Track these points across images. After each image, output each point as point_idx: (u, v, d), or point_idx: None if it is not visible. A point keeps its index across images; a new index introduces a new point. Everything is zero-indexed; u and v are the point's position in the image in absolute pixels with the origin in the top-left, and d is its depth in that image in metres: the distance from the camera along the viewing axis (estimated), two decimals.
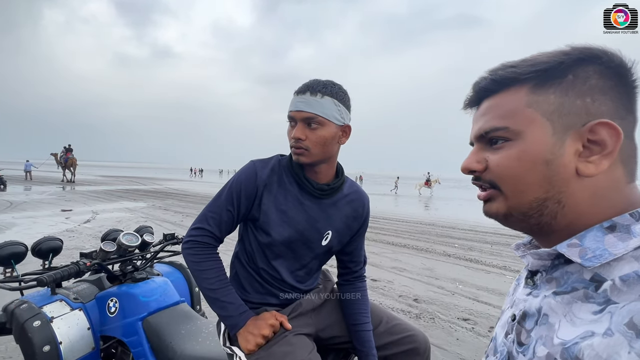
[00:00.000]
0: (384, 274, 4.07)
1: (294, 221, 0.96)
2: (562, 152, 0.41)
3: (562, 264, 0.43)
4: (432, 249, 5.60)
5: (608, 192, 0.40)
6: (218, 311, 0.93)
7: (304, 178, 0.96)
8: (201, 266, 0.93)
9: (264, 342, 0.89)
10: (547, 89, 0.41)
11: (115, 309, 1.25)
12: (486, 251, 5.60)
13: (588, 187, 0.40)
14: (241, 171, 0.98)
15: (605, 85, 0.40)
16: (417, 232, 7.26)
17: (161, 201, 11.58)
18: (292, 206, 0.96)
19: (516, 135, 0.43)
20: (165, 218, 7.81)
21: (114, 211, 8.62)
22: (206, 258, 0.94)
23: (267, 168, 0.97)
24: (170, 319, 1.23)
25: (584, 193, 0.41)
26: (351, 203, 1.04)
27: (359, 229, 1.08)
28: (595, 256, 0.39)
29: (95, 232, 5.88)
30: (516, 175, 0.43)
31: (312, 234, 0.99)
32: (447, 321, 2.87)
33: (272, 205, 0.95)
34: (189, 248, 0.95)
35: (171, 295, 1.34)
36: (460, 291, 3.63)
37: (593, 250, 0.39)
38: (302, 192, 0.97)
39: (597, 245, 0.39)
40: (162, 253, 1.55)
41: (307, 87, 0.90)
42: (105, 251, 1.29)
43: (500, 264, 4.77)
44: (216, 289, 0.92)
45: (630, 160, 0.41)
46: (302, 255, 1.00)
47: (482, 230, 7.77)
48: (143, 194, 14.02)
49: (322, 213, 1.00)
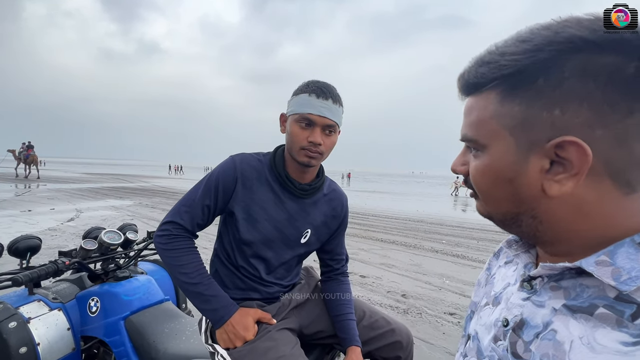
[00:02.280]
0: (372, 270, 4.10)
1: (273, 219, 0.96)
2: (525, 170, 0.36)
3: (574, 274, 0.38)
4: (421, 245, 5.67)
5: (598, 207, 0.35)
6: (201, 305, 0.91)
7: (286, 178, 0.95)
8: (179, 260, 0.91)
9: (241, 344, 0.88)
10: (514, 97, 0.36)
11: (96, 309, 1.22)
12: (473, 247, 5.70)
13: (567, 204, 0.36)
14: (220, 165, 0.97)
15: (584, 86, 0.32)
16: (406, 229, 7.33)
17: (148, 199, 11.37)
18: (272, 204, 0.96)
19: (483, 147, 0.39)
20: (152, 216, 7.67)
21: (98, 209, 8.42)
22: (183, 252, 0.92)
23: (247, 163, 0.96)
24: (154, 317, 1.21)
25: (563, 209, 0.36)
26: (330, 202, 1.05)
27: (338, 227, 1.09)
28: (630, 278, 0.33)
29: (79, 230, 5.74)
30: (485, 189, 0.41)
31: (292, 232, 0.99)
32: (434, 316, 2.92)
33: (251, 202, 0.94)
34: (163, 243, 0.92)
35: (155, 294, 1.32)
36: (447, 286, 3.69)
37: (628, 271, 0.33)
38: (283, 191, 0.97)
39: (632, 265, 0.33)
40: (146, 251, 1.52)
41: (330, 94, 0.90)
42: (86, 249, 1.26)
43: (486, 259, 4.86)
44: (197, 282, 0.90)
45: (627, 170, 0.34)
46: (281, 253, 1.00)
47: (469, 227, 7.91)
48: (129, 192, 13.73)
49: (302, 212, 1.00)
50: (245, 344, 0.88)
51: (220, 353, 0.89)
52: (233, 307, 0.92)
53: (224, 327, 0.90)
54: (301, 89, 0.92)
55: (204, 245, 5.03)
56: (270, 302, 1.01)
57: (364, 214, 9.43)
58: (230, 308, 0.91)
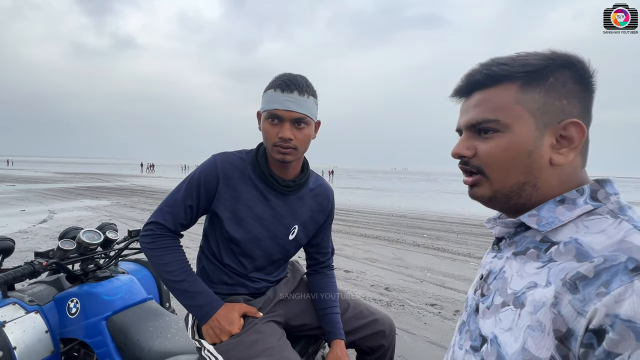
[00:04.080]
0: (356, 265, 4.16)
1: (260, 218, 0.96)
2: (541, 145, 0.48)
3: (522, 231, 0.53)
4: (403, 240, 5.80)
5: (569, 177, 0.50)
6: (186, 302, 0.91)
7: (269, 176, 0.95)
8: (163, 259, 0.91)
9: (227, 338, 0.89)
10: (534, 88, 0.48)
11: (76, 310, 1.20)
12: (452, 240, 5.89)
13: (556, 174, 0.49)
14: (202, 165, 0.96)
15: (577, 90, 0.48)
16: (389, 224, 7.47)
17: (126, 198, 11.01)
18: (257, 202, 0.96)
19: (505, 127, 0.49)
20: (131, 216, 7.45)
21: (73, 210, 8.09)
22: (167, 251, 0.92)
23: (228, 162, 0.95)
24: (137, 316, 1.20)
25: (553, 178, 0.49)
26: (316, 197, 1.05)
27: (325, 221, 1.10)
28: (547, 222, 0.48)
29: (53, 232, 5.50)
30: (503, 163, 0.50)
31: (279, 229, 0.99)
32: (416, 307, 3.00)
33: (236, 201, 0.94)
34: (147, 243, 0.92)
35: (137, 293, 1.30)
36: (428, 279, 3.80)
37: (546, 218, 0.49)
38: (267, 188, 0.97)
39: (550, 214, 0.49)
40: (127, 251, 1.49)
41: (295, 86, 0.87)
42: (64, 250, 1.22)
43: (465, 251, 5.04)
44: (182, 280, 0.90)
45: (585, 151, 0.50)
46: (270, 251, 1.00)
47: (449, 221, 8.15)
48: (106, 192, 13.25)
49: (288, 208, 1.00)
50: (231, 337, 0.89)
51: (207, 348, 0.89)
52: (218, 303, 0.93)
53: (210, 322, 0.90)
54: (269, 85, 0.91)
55: (186, 244, 4.94)
56: (257, 296, 1.02)
57: (348, 210, 9.52)
58: (215, 304, 0.92)
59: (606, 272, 0.39)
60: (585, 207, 0.47)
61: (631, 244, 0.40)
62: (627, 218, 0.44)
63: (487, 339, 0.49)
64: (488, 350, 0.48)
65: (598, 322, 0.37)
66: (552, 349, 0.41)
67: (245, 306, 0.96)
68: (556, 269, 0.44)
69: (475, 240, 5.97)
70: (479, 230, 6.95)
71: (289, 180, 0.98)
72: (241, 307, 0.95)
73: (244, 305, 0.96)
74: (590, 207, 0.47)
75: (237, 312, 0.93)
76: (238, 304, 0.95)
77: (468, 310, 0.58)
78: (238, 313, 0.93)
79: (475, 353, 0.51)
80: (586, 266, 0.41)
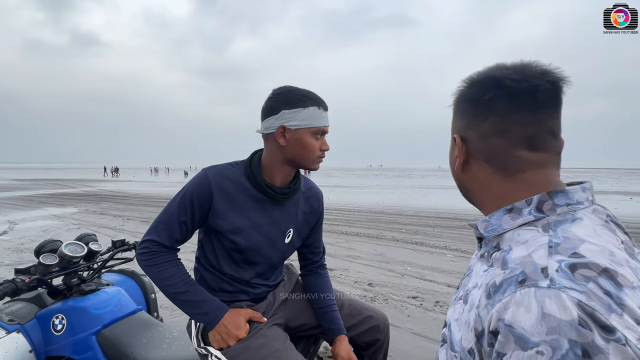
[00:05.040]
0: (339, 263, 4.23)
1: (258, 225, 0.99)
2: (452, 156, 0.59)
3: None
4: (382, 236, 5.95)
5: (485, 183, 0.56)
6: (191, 311, 0.93)
7: (265, 186, 0.97)
8: (163, 274, 0.92)
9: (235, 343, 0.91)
10: (454, 114, 0.59)
11: (62, 326, 1.16)
12: (429, 234, 6.11)
13: (472, 179, 0.57)
14: (193, 179, 0.96)
15: (466, 107, 0.56)
16: (368, 221, 7.62)
17: (95, 205, 10.47)
18: (254, 211, 0.98)
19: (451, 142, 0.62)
20: (102, 223, 7.11)
21: (36, 219, 7.59)
22: (165, 266, 0.93)
23: (221, 176, 0.96)
24: (129, 329, 1.17)
25: (472, 182, 0.58)
26: (308, 200, 1.10)
27: (316, 222, 1.14)
28: (492, 229, 0.54)
29: (16, 245, 5.15)
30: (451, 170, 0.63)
31: (276, 235, 1.03)
32: (399, 301, 3.11)
33: (233, 212, 0.96)
34: (144, 260, 0.93)
35: (127, 305, 1.27)
36: (408, 272, 3.94)
37: (492, 225, 0.54)
38: (263, 196, 0.99)
39: (497, 222, 0.54)
40: (112, 262, 1.45)
41: (325, 104, 0.99)
42: (46, 265, 1.17)
43: (441, 244, 5.25)
44: (184, 291, 0.92)
45: (496, 157, 0.53)
46: (269, 256, 1.04)
47: (425, 215, 8.44)
48: (72, 198, 12.52)
49: (284, 214, 1.04)
50: (238, 342, 0.91)
51: (214, 354, 0.91)
52: (223, 309, 0.94)
53: (217, 328, 0.92)
54: (307, 102, 0.94)
55: None
56: (258, 301, 1.04)
57: (328, 208, 9.60)
58: (221, 310, 0.94)
59: (506, 282, 0.44)
60: (528, 217, 0.50)
61: (531, 258, 0.44)
62: (552, 234, 0.46)
63: (447, 323, 0.57)
64: (446, 333, 0.56)
65: (494, 325, 0.42)
66: (472, 343, 0.47)
67: (250, 311, 0.98)
68: (490, 273, 0.49)
69: (450, 233, 6.23)
70: (453, 223, 7.26)
71: (284, 187, 1.01)
72: (246, 312, 0.97)
73: (248, 310, 0.98)
74: (532, 218, 0.49)
75: (243, 316, 0.95)
76: (243, 309, 0.97)
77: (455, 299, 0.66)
78: (244, 318, 0.95)
79: (443, 333, 0.60)
80: (500, 276, 0.46)
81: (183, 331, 1.19)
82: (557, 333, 0.37)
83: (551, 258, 0.43)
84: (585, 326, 0.36)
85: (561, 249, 0.44)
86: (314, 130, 0.96)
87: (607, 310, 0.37)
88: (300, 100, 0.94)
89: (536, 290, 0.40)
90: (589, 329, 0.36)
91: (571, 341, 0.36)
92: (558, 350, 0.36)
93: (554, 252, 0.44)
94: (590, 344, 0.35)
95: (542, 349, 0.37)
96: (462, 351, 0.49)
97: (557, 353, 0.36)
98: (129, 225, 6.91)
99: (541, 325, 0.38)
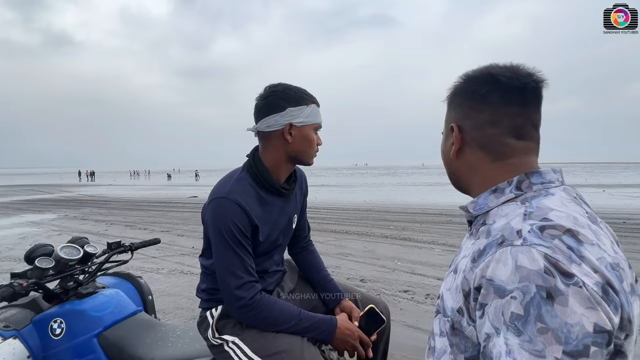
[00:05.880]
0: (331, 261, 4.27)
1: (277, 225, 1.05)
2: (447, 145, 0.67)
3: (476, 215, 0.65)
4: (372, 233, 6.03)
5: (476, 167, 0.63)
6: (310, 335, 0.95)
7: (280, 188, 1.02)
8: (271, 319, 0.93)
9: None
10: (449, 107, 0.67)
11: (61, 330, 1.14)
12: (417, 229, 6.24)
13: (462, 164, 0.65)
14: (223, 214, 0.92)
15: (460, 100, 0.64)
16: (357, 218, 7.70)
17: (76, 210, 10.12)
18: (275, 214, 1.04)
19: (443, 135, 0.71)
20: (84, 229, 6.88)
21: (13, 227, 7.28)
22: (267, 307, 0.93)
23: (245, 196, 0.96)
24: (131, 330, 1.17)
25: (462, 168, 0.65)
26: (300, 184, 1.17)
27: (304, 201, 1.22)
28: (479, 207, 0.62)
29: None
30: (442, 158, 0.71)
31: (287, 225, 1.10)
32: (391, 295, 3.18)
33: (262, 222, 0.99)
34: (247, 312, 0.92)
35: (127, 306, 1.26)
36: (399, 267, 4.02)
37: (480, 204, 0.62)
38: (273, 196, 1.02)
39: (484, 202, 0.61)
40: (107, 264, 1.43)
41: (318, 102, 1.04)
42: (42, 268, 1.15)
43: (429, 239, 5.37)
44: (296, 323, 0.94)
45: (490, 144, 0.61)
46: (283, 244, 1.13)
47: (412, 212, 8.59)
48: (50, 204, 12.06)
49: (291, 205, 1.10)
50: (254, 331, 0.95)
51: (231, 340, 0.94)
52: (332, 320, 0.98)
53: (337, 337, 0.96)
54: (308, 100, 1.00)
55: (164, 254, 4.72)
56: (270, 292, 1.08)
57: (316, 207, 9.63)
58: (330, 322, 0.97)
59: (489, 246, 0.52)
60: (509, 195, 0.58)
61: (509, 225, 0.52)
62: (528, 205, 0.54)
63: (440, 295, 0.64)
64: (439, 303, 0.63)
65: (478, 282, 0.50)
66: (461, 302, 0.54)
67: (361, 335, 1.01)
68: (476, 244, 0.56)
69: (437, 228, 6.38)
70: (439, 218, 7.43)
71: (286, 182, 1.06)
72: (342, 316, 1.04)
73: (357, 333, 1.00)
74: (513, 196, 0.57)
75: (346, 319, 1.01)
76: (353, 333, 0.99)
77: None
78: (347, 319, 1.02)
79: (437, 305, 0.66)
80: (484, 243, 0.53)
81: (186, 330, 1.20)
82: (527, 280, 0.44)
83: (525, 222, 0.51)
84: (549, 274, 0.44)
85: (534, 216, 0.52)
86: (316, 127, 1.03)
87: (568, 260, 0.45)
88: (303, 98, 0.99)
89: (511, 248, 0.48)
90: (552, 276, 0.44)
91: (538, 286, 0.44)
92: (527, 294, 0.44)
93: (527, 218, 0.52)
94: (553, 287, 0.43)
95: (515, 294, 0.45)
96: (452, 313, 0.56)
97: (526, 296, 0.44)
98: (113, 230, 6.73)
99: (514, 275, 0.46)
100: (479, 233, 0.58)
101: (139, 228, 6.96)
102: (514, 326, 0.44)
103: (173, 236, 6.05)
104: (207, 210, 0.97)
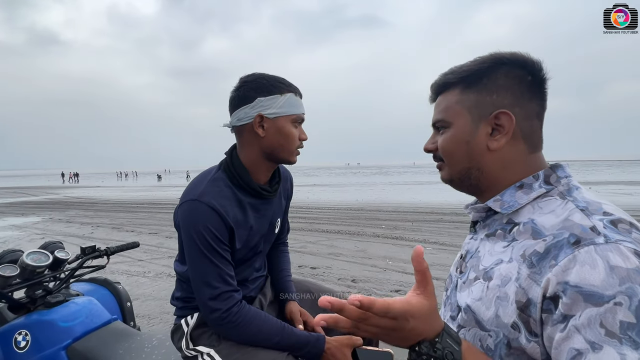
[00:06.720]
0: (322, 261, 4.22)
1: (257, 230, 0.96)
2: (477, 134, 0.57)
3: (492, 214, 0.60)
4: (363, 232, 6.00)
5: (512, 161, 0.56)
6: (294, 352, 0.87)
7: (259, 189, 0.92)
8: (250, 334, 0.85)
9: None
10: (471, 89, 0.57)
11: (26, 343, 1.06)
12: (408, 228, 6.24)
13: (497, 158, 0.57)
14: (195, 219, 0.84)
15: (508, 83, 0.55)
16: (348, 218, 7.67)
17: (61, 213, 9.85)
18: (255, 219, 0.95)
19: (449, 124, 0.59)
20: (69, 232, 6.70)
21: None
22: (246, 321, 0.85)
23: (220, 198, 0.87)
24: (103, 340, 1.09)
25: (494, 162, 0.57)
26: (284, 185, 1.08)
27: (287, 202, 1.14)
28: (509, 206, 0.56)
29: None
30: (450, 151, 0.60)
31: (269, 229, 1.02)
32: (383, 295, 3.14)
33: (239, 226, 0.90)
34: (223, 325, 0.84)
35: (99, 315, 1.18)
36: (390, 267, 3.99)
37: (508, 202, 0.56)
38: (253, 199, 0.94)
39: (511, 198, 0.56)
40: (81, 270, 1.35)
41: (300, 91, 0.93)
42: (5, 276, 1.06)
43: (421, 238, 5.37)
44: (278, 341, 0.85)
45: (532, 136, 0.56)
46: (264, 250, 1.04)
47: (404, 211, 8.61)
48: (34, 207, 11.73)
49: (273, 208, 1.02)
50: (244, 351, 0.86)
51: (206, 353, 0.86)
52: (321, 338, 0.89)
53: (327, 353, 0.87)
54: (283, 88, 0.89)
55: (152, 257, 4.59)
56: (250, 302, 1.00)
57: (308, 207, 9.58)
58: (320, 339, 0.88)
59: (554, 247, 0.46)
60: (540, 190, 0.54)
61: (572, 222, 0.47)
62: (572, 199, 0.51)
63: (461, 308, 0.57)
64: (463, 317, 0.55)
65: (552, 290, 0.43)
66: (515, 317, 0.47)
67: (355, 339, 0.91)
68: (518, 246, 0.51)
69: (428, 227, 6.39)
70: (430, 217, 7.45)
71: (267, 184, 0.98)
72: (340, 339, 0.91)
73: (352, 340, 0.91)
74: (544, 190, 0.54)
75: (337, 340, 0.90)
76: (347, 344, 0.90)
77: (450, 286, 0.65)
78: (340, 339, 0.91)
79: (452, 321, 0.59)
80: (540, 244, 0.48)
81: (163, 339, 1.12)
82: (629, 281, 0.40)
83: (592, 218, 0.47)
84: None
85: (592, 210, 0.48)
86: (294, 118, 0.90)
87: None
88: (276, 86, 0.88)
89: (595, 247, 0.43)
90: None
91: None
92: (635, 297, 0.39)
93: (590, 214, 0.47)
94: None
95: (620, 299, 0.39)
96: (501, 327, 0.49)
97: (634, 299, 0.39)
98: (99, 233, 6.56)
99: (612, 278, 0.40)
100: (514, 234, 0.53)
101: (126, 230, 6.80)
102: (628, 337, 0.38)
103: (161, 238, 5.92)
104: (178, 214, 0.88)
